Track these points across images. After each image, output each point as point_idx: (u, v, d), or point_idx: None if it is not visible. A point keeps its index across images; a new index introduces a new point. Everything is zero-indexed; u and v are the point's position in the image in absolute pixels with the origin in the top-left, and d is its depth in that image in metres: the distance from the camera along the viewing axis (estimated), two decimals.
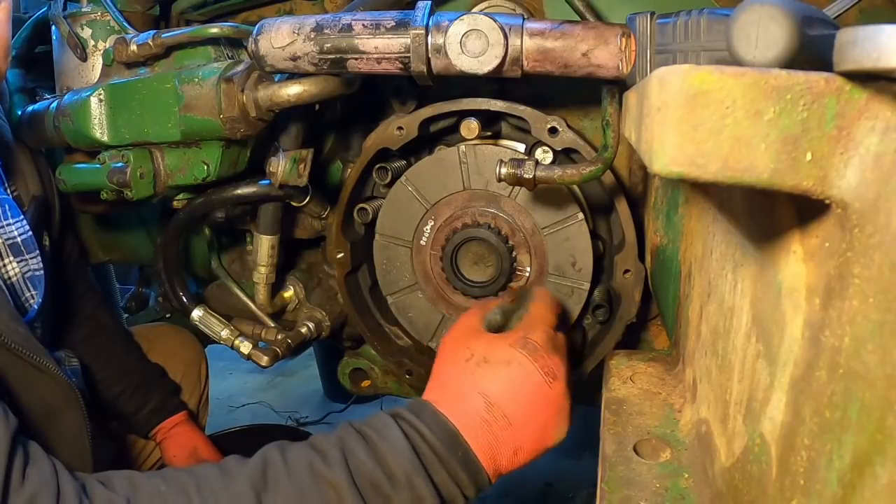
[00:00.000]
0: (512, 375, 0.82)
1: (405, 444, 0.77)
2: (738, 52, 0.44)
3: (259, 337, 1.31)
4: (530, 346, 0.84)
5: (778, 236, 0.48)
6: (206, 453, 1.46)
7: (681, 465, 0.66)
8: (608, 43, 0.76)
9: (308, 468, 0.76)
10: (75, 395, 1.07)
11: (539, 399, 0.82)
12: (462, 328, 0.91)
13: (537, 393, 0.82)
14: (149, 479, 0.77)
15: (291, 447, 0.80)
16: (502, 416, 0.81)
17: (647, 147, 0.41)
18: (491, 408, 0.80)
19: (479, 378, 0.82)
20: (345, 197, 1.17)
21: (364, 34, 0.82)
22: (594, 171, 0.86)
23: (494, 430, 0.80)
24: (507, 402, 0.81)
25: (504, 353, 0.83)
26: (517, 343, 0.84)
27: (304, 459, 0.77)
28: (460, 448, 0.79)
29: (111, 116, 1.03)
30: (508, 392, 0.81)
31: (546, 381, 0.82)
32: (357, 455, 0.77)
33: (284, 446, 0.80)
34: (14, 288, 1.10)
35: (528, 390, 0.82)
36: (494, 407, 0.81)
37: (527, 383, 0.82)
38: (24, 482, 0.73)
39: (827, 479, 0.39)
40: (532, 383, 0.82)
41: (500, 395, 0.81)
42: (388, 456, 0.77)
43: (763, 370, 0.50)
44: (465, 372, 0.83)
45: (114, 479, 0.77)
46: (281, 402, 3.18)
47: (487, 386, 0.82)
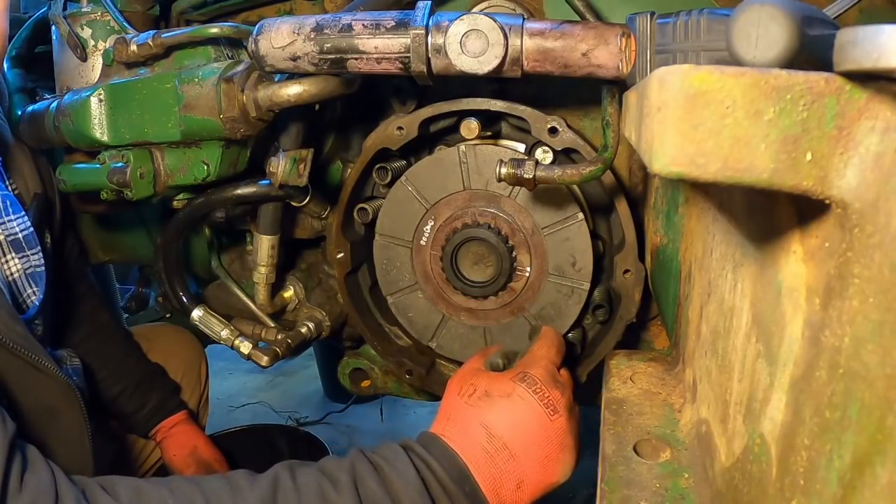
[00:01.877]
0: (512, 407, 0.83)
1: (415, 476, 0.78)
2: (738, 52, 0.44)
3: (259, 337, 1.31)
4: (529, 379, 0.86)
5: (778, 236, 0.48)
6: (206, 453, 1.47)
7: (681, 465, 0.66)
8: (608, 43, 0.76)
9: (318, 493, 0.76)
10: (75, 395, 1.07)
11: (539, 431, 0.83)
12: (466, 369, 0.94)
13: (538, 425, 0.83)
14: (155, 489, 0.76)
15: (302, 469, 0.80)
16: (503, 446, 0.82)
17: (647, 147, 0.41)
18: (492, 439, 0.82)
19: (480, 411, 0.84)
20: (345, 197, 1.17)
21: (364, 34, 0.82)
22: (594, 171, 0.86)
23: (496, 462, 0.81)
24: (508, 433, 0.82)
25: (504, 386, 0.85)
26: (517, 377, 0.86)
27: (315, 484, 0.77)
28: (468, 483, 0.80)
29: (111, 116, 1.03)
30: (509, 423, 0.83)
31: (546, 413, 0.84)
32: (367, 484, 0.77)
33: (295, 467, 0.80)
34: (15, 285, 1.10)
35: (528, 422, 0.83)
36: (495, 438, 0.82)
37: (527, 415, 0.83)
38: (22, 489, 0.72)
39: (827, 479, 0.39)
40: (532, 415, 0.83)
41: (501, 426, 0.82)
42: (398, 486, 0.77)
43: (763, 370, 0.50)
44: (467, 406, 0.85)
45: (118, 485, 0.76)
46: (281, 402, 3.18)
47: (488, 418, 0.83)
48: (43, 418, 1.03)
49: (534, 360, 0.91)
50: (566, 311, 1.12)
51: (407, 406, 3.04)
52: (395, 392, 1.42)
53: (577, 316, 1.12)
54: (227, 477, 0.79)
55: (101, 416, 1.39)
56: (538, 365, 0.89)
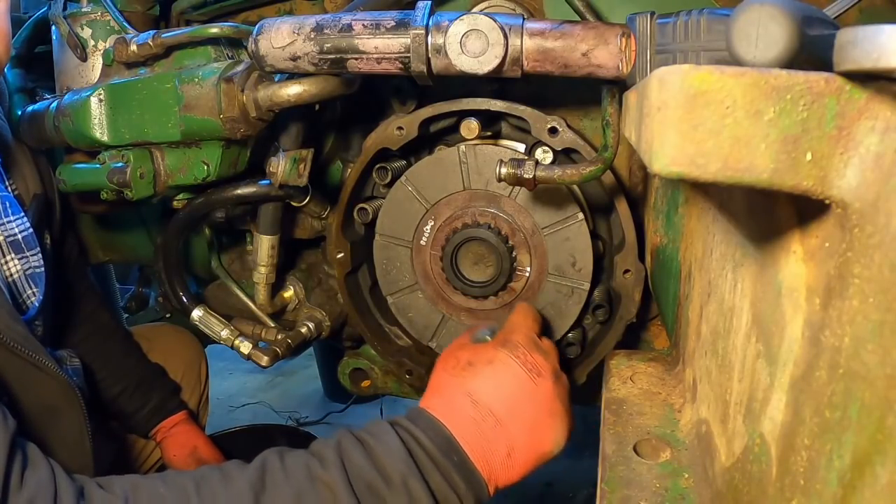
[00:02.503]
0: (494, 373, 0.84)
1: (400, 447, 0.79)
2: (738, 52, 0.44)
3: (259, 337, 1.31)
4: (510, 344, 0.87)
5: (778, 236, 0.48)
6: (206, 453, 1.46)
7: (681, 465, 0.66)
8: (608, 43, 0.76)
9: (305, 471, 0.78)
10: (75, 395, 1.07)
11: (524, 394, 0.83)
12: (452, 345, 0.95)
13: (522, 388, 0.83)
14: (148, 481, 0.78)
15: (291, 452, 0.81)
16: (489, 412, 0.82)
17: (647, 147, 0.41)
18: (477, 406, 0.82)
19: (464, 380, 0.85)
20: (345, 197, 1.17)
21: (364, 34, 0.82)
22: (594, 171, 0.86)
23: (483, 429, 0.81)
24: (492, 399, 0.82)
25: (487, 353, 0.87)
26: (498, 343, 0.88)
27: (302, 463, 0.79)
28: (455, 453, 0.80)
29: (111, 116, 1.03)
30: (492, 389, 0.83)
31: (530, 376, 0.84)
32: (353, 458, 0.78)
33: (284, 451, 0.82)
34: (15, 285, 1.10)
35: (511, 385, 0.83)
36: (480, 405, 0.82)
37: (509, 378, 0.84)
38: (22, 486, 0.73)
39: (827, 479, 0.39)
40: (515, 378, 0.84)
41: (484, 392, 0.83)
42: (384, 458, 0.78)
43: (763, 370, 0.50)
44: (452, 377, 0.87)
45: (113, 481, 0.78)
46: (281, 402, 3.18)
47: (472, 385, 0.84)
48: (43, 418, 1.03)
49: (513, 327, 0.91)
50: (566, 311, 1.12)
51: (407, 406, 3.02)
52: (395, 392, 1.42)
53: (577, 316, 1.12)
54: (219, 466, 0.81)
55: (101, 416, 1.39)
56: (518, 331, 0.89)
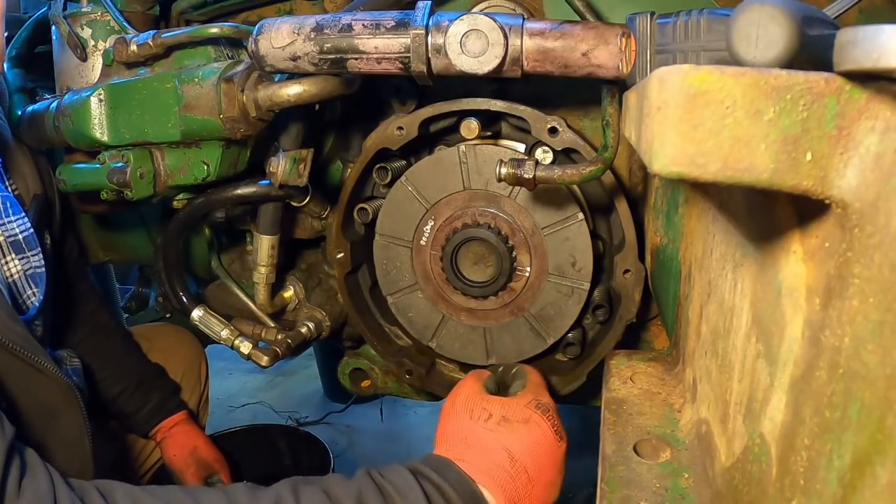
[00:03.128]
0: (532, 434, 0.85)
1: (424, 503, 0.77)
2: (738, 52, 0.44)
3: (259, 337, 1.31)
4: (543, 407, 0.88)
5: (778, 236, 0.48)
6: (206, 453, 1.47)
7: (681, 465, 0.66)
8: (608, 43, 0.76)
9: None
10: (75, 396, 1.07)
11: (551, 457, 0.86)
12: (469, 391, 0.93)
13: (550, 451, 0.86)
14: (152, 499, 0.76)
15: (306, 490, 0.78)
16: (524, 471, 0.83)
17: (647, 147, 0.41)
18: (514, 463, 0.83)
19: (502, 436, 0.85)
20: (345, 197, 1.17)
21: (364, 34, 0.82)
22: (594, 171, 0.86)
23: (517, 486, 0.83)
24: (528, 458, 0.84)
25: (522, 412, 0.87)
26: (532, 404, 0.88)
27: None
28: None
29: (111, 116, 1.03)
30: (529, 449, 0.84)
31: (556, 439, 0.86)
32: None
33: (299, 486, 0.79)
34: (15, 286, 1.10)
35: (544, 448, 0.85)
36: (517, 462, 0.83)
37: (543, 442, 0.85)
38: (20, 494, 0.72)
39: (827, 479, 0.39)
40: (547, 442, 0.86)
41: (522, 451, 0.84)
42: None
43: (763, 370, 0.50)
44: (486, 430, 0.86)
45: (116, 492, 0.76)
46: (281, 402, 3.18)
47: (510, 443, 0.84)
48: (43, 419, 1.03)
49: (538, 388, 0.93)
50: (566, 310, 1.12)
51: (407, 406, 3.04)
52: (395, 392, 1.42)
53: (577, 316, 1.12)
54: (226, 492, 0.78)
55: (101, 417, 1.39)
56: (544, 394, 0.92)
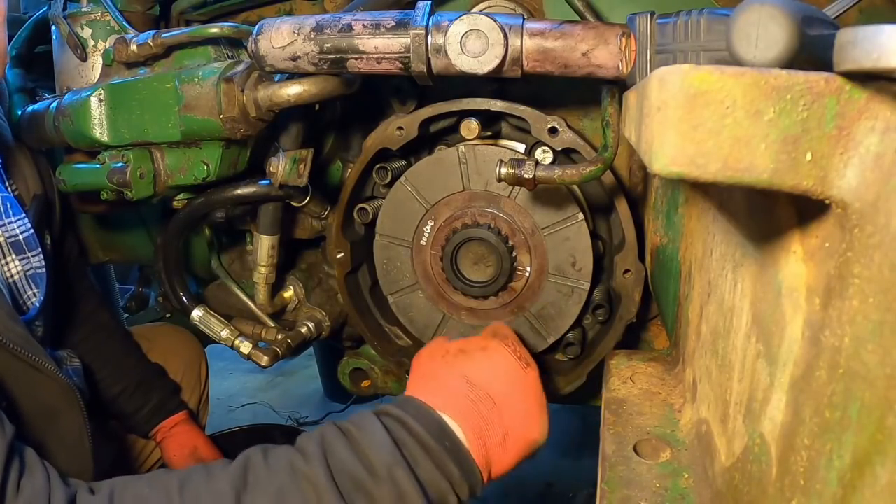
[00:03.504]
0: (489, 357, 0.87)
1: (385, 437, 0.77)
2: (738, 52, 0.44)
3: (259, 337, 1.31)
4: (500, 334, 0.91)
5: (778, 236, 0.48)
6: (207, 453, 1.46)
7: (681, 465, 0.66)
8: (608, 43, 0.76)
9: (288, 467, 0.77)
10: (75, 396, 1.07)
11: (516, 381, 0.86)
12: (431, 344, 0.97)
13: (514, 375, 0.86)
14: (134, 481, 0.78)
15: (275, 448, 0.80)
16: (486, 395, 0.83)
17: (647, 147, 0.41)
18: (473, 387, 0.84)
19: (459, 364, 0.87)
20: (345, 197, 1.17)
21: (364, 34, 0.82)
22: (594, 171, 0.86)
23: (480, 410, 0.82)
24: (488, 381, 0.85)
25: (479, 342, 0.90)
26: (487, 335, 0.92)
27: (285, 459, 0.78)
28: (447, 438, 0.79)
29: (111, 116, 1.03)
30: (488, 372, 0.86)
31: (520, 365, 0.87)
32: (337, 451, 0.77)
33: (268, 448, 0.81)
34: (15, 286, 1.10)
35: (505, 371, 0.86)
36: (477, 387, 0.84)
37: (503, 364, 0.87)
38: (19, 493, 0.74)
39: (827, 479, 0.39)
40: (508, 365, 0.87)
41: (481, 375, 0.85)
42: (368, 450, 0.76)
43: (763, 370, 0.50)
44: (444, 363, 0.88)
45: (103, 484, 0.78)
46: (281, 402, 3.18)
47: (467, 368, 0.86)
48: (43, 419, 1.03)
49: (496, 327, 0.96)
50: (566, 310, 1.12)
51: None
52: (395, 392, 1.42)
53: (577, 316, 1.12)
54: (205, 465, 0.80)
55: (101, 417, 1.39)
56: (502, 328, 0.94)
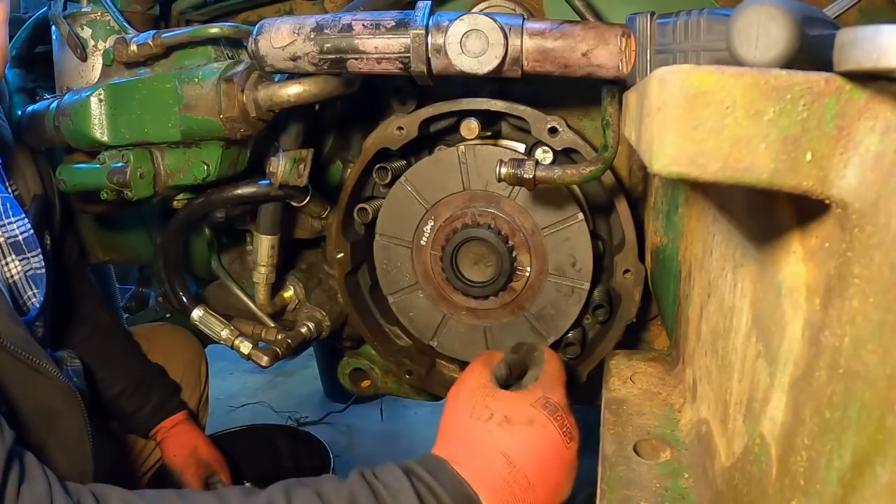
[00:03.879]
0: (534, 436, 0.81)
1: None
2: (738, 52, 0.44)
3: (259, 337, 1.31)
4: (551, 406, 0.83)
5: (778, 236, 0.48)
6: (206, 453, 1.47)
7: (681, 465, 0.66)
8: (608, 43, 0.76)
9: None
10: (75, 397, 1.07)
11: (557, 460, 0.81)
12: (475, 384, 0.88)
13: (556, 454, 0.81)
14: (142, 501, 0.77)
15: (298, 492, 0.77)
16: (523, 477, 0.79)
17: (647, 147, 0.41)
18: (513, 469, 0.79)
19: (501, 438, 0.81)
20: (345, 197, 1.17)
21: (364, 34, 0.82)
22: (594, 171, 0.86)
23: (515, 491, 0.79)
24: (528, 463, 0.80)
25: (526, 412, 0.82)
26: (538, 403, 0.83)
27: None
28: None
29: (111, 116, 1.03)
30: (530, 453, 0.80)
31: (564, 441, 0.82)
32: None
33: (291, 489, 0.78)
34: (15, 287, 1.10)
35: (548, 451, 0.81)
36: (516, 468, 0.79)
37: (547, 444, 0.81)
38: (18, 499, 0.73)
39: (827, 479, 0.39)
40: (552, 444, 0.81)
41: (522, 456, 0.80)
42: None
43: (763, 370, 0.50)
44: (485, 431, 0.82)
45: (111, 497, 0.77)
46: (281, 402, 3.18)
47: (509, 446, 0.80)
48: (43, 421, 1.03)
49: (551, 382, 0.87)
50: (566, 310, 1.12)
51: (407, 406, 3.04)
52: (395, 392, 1.42)
53: (577, 316, 1.12)
54: (220, 494, 0.78)
55: (102, 417, 1.39)
56: (557, 390, 0.86)
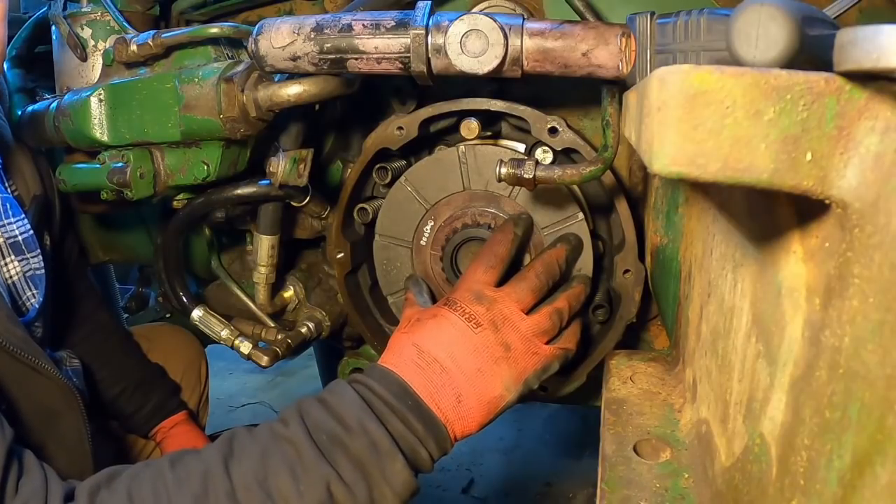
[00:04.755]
0: (437, 325, 0.92)
1: (355, 396, 0.84)
2: (738, 52, 0.44)
3: (259, 337, 1.31)
4: (450, 301, 0.94)
5: (778, 236, 0.48)
6: None
7: (681, 465, 0.66)
8: (608, 43, 0.76)
9: (269, 432, 0.83)
10: (75, 398, 1.07)
11: (464, 344, 0.89)
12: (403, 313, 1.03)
13: (462, 338, 0.90)
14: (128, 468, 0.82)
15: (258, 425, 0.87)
16: (433, 360, 0.88)
17: (647, 147, 0.42)
18: (421, 353, 0.89)
19: (412, 334, 0.93)
20: (345, 197, 1.17)
21: (364, 34, 0.82)
22: (594, 171, 0.86)
23: (429, 375, 0.87)
24: (434, 347, 0.89)
25: (431, 310, 0.96)
26: (441, 301, 0.96)
27: (266, 427, 0.85)
28: (409, 397, 0.85)
29: (111, 116, 1.02)
30: (434, 338, 0.90)
31: (469, 326, 0.90)
32: (312, 413, 0.84)
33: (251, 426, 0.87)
34: (14, 287, 1.10)
35: (452, 335, 0.90)
36: (424, 353, 0.89)
37: (450, 330, 0.91)
38: (17, 495, 0.75)
39: (827, 479, 0.39)
40: (455, 329, 0.90)
41: (427, 341, 0.90)
42: (340, 408, 0.83)
43: (763, 370, 0.50)
44: (401, 333, 0.95)
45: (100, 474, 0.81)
46: (281, 402, 3.18)
47: (416, 336, 0.92)
48: (43, 421, 1.03)
49: (459, 283, 0.98)
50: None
51: None
52: None
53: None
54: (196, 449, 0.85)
55: (101, 417, 1.39)
56: (461, 287, 0.96)
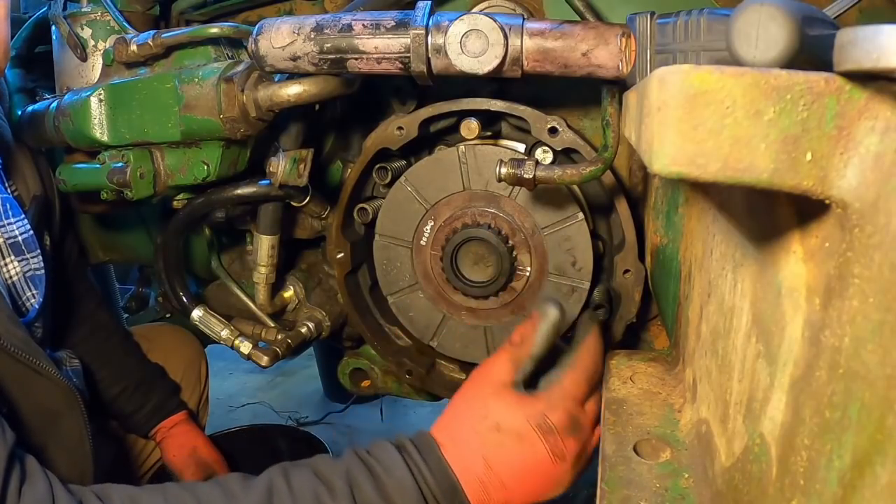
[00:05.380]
0: (519, 453, 0.81)
1: (412, 485, 0.78)
2: (738, 52, 0.44)
3: (259, 337, 1.31)
4: (546, 427, 0.81)
5: (778, 236, 0.48)
6: (206, 453, 1.46)
7: (681, 465, 0.66)
8: (608, 43, 0.76)
9: (314, 499, 0.76)
10: (75, 398, 1.07)
11: (538, 475, 0.82)
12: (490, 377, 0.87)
13: (539, 470, 0.82)
14: (148, 497, 0.77)
15: (296, 473, 0.79)
16: (499, 481, 0.81)
17: (647, 147, 0.41)
18: (489, 472, 0.81)
19: (487, 443, 0.82)
20: (345, 197, 1.17)
21: (364, 34, 0.82)
22: (594, 171, 0.86)
23: (489, 491, 0.81)
24: (506, 471, 0.81)
25: (518, 426, 0.82)
26: (534, 419, 0.82)
27: (310, 489, 0.77)
28: (457, 499, 0.80)
29: (111, 116, 1.03)
30: (510, 466, 0.81)
31: (552, 460, 0.81)
32: (364, 490, 0.77)
33: (289, 470, 0.80)
34: (14, 288, 1.09)
35: (530, 469, 0.81)
36: (493, 473, 0.81)
37: (531, 461, 0.81)
38: (20, 501, 0.74)
39: (827, 479, 0.39)
40: (537, 461, 0.81)
41: (502, 465, 0.81)
42: (394, 495, 0.78)
43: (763, 370, 0.50)
44: (475, 431, 0.83)
45: (113, 494, 0.77)
46: (281, 402, 3.18)
47: (492, 453, 0.81)
48: (44, 422, 1.03)
49: (561, 396, 0.84)
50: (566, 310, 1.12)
51: (407, 406, 3.04)
52: (395, 392, 1.42)
53: (577, 315, 1.12)
54: (220, 483, 0.79)
55: (101, 417, 1.39)
56: (561, 407, 0.83)
